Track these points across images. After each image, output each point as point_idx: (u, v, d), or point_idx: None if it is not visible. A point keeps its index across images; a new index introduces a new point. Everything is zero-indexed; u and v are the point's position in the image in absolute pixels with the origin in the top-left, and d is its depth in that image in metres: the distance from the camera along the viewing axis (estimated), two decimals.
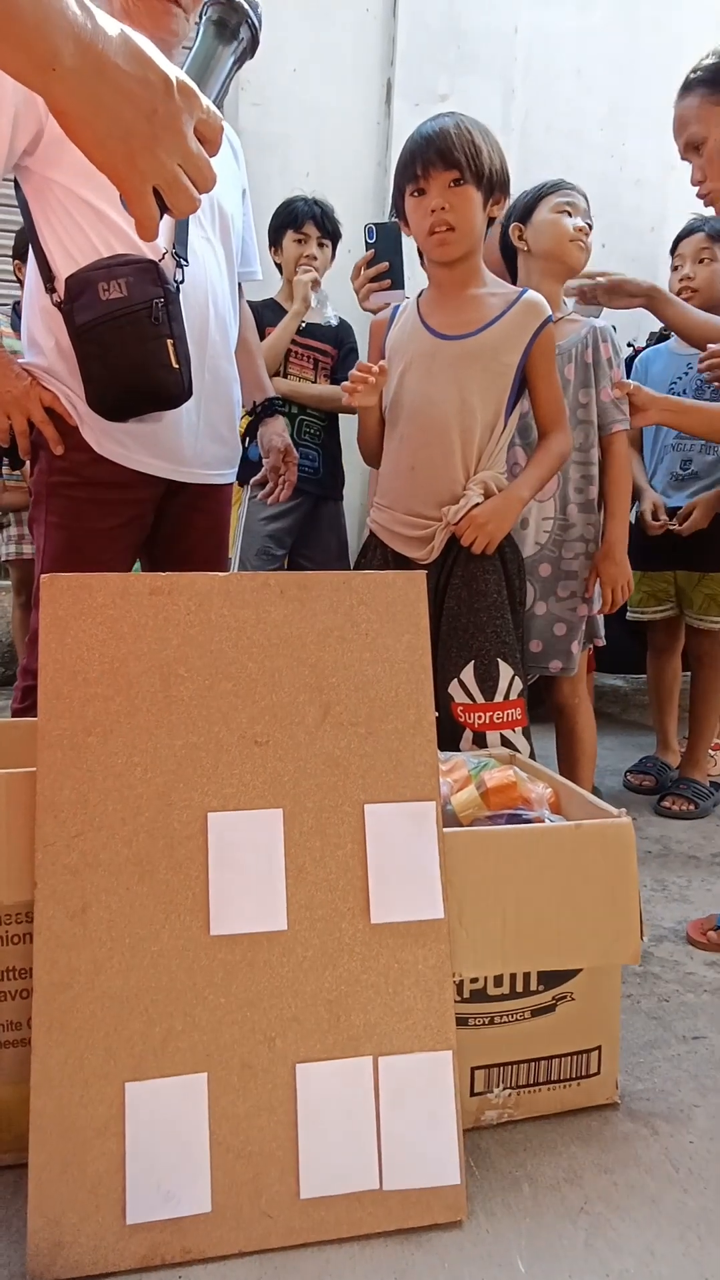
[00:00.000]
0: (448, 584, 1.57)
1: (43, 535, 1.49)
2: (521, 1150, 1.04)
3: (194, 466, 1.54)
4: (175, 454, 1.50)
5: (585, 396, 1.72)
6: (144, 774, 0.96)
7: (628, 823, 1.10)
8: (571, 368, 1.71)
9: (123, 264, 1.34)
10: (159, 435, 1.47)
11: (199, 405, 1.50)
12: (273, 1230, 0.89)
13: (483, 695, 1.53)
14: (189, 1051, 0.92)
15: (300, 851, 0.98)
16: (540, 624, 1.76)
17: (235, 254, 1.60)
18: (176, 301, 1.37)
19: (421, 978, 0.97)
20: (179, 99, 0.65)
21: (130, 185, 0.66)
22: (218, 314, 1.51)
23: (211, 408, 1.54)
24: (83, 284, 1.34)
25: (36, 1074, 0.89)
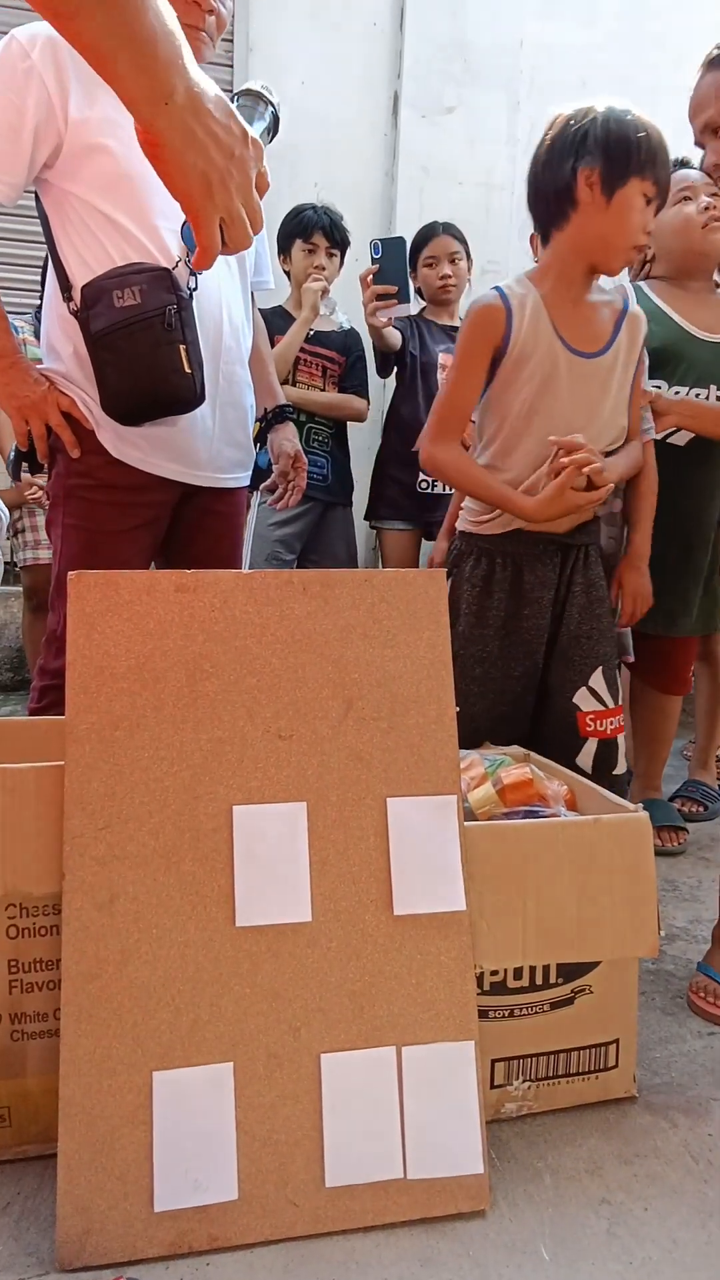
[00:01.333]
0: (568, 594, 1.55)
1: (60, 537, 1.51)
2: (542, 1142, 1.05)
3: (209, 470, 1.56)
4: (190, 458, 1.52)
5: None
6: (170, 768, 0.98)
7: (644, 817, 1.11)
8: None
9: (136, 272, 1.37)
10: (174, 439, 1.49)
11: (214, 410, 1.52)
12: (299, 1218, 0.90)
13: (611, 699, 1.53)
14: (215, 1041, 0.93)
15: (324, 844, 0.99)
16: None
17: (249, 263, 1.63)
18: (189, 308, 1.40)
19: (444, 969, 0.98)
20: (250, 149, 0.78)
21: (204, 215, 0.77)
22: (231, 321, 1.53)
23: (226, 412, 1.56)
24: (98, 292, 1.37)
25: (65, 1063, 0.90)
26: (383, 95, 3.27)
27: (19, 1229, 0.90)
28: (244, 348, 1.59)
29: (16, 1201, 0.93)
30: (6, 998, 0.98)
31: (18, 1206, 0.93)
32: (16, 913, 0.98)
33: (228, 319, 1.52)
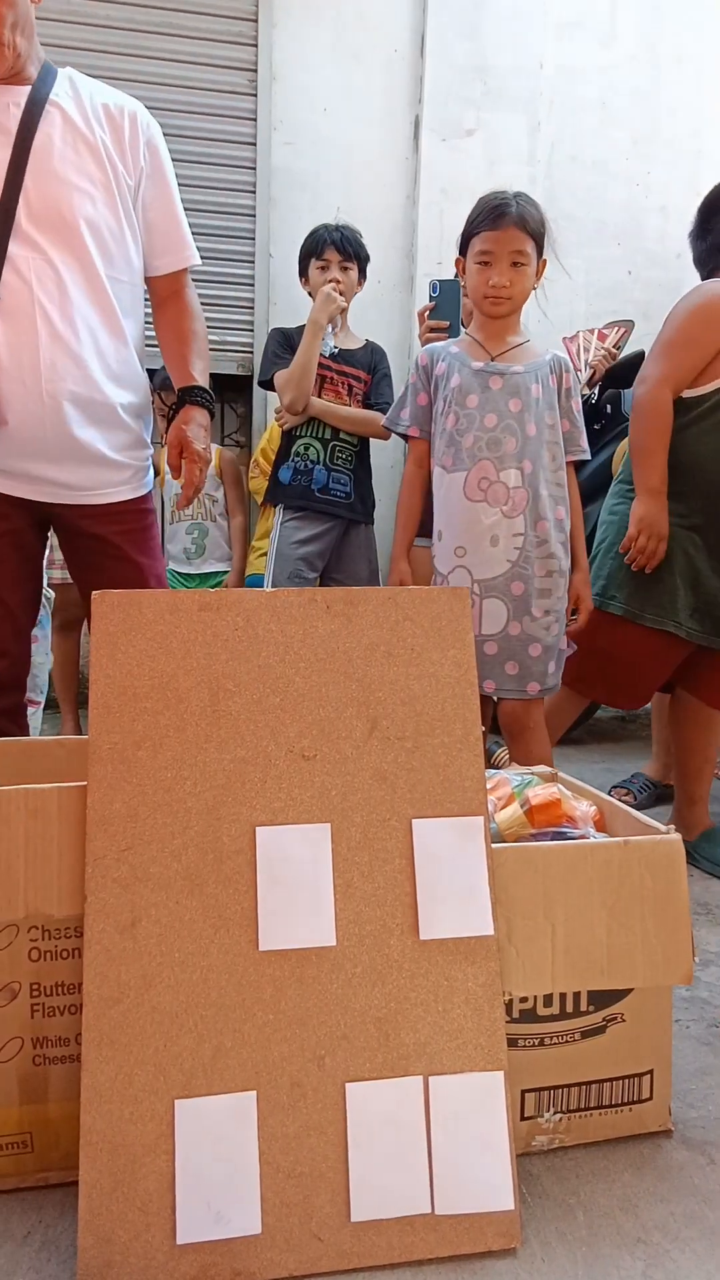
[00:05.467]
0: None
1: None
2: (573, 1177, 1.02)
3: (61, 488, 1.52)
4: (35, 478, 1.50)
5: (552, 418, 1.75)
6: (193, 788, 0.97)
7: (677, 839, 1.08)
8: (538, 388, 1.72)
9: None
10: (8, 463, 1.47)
11: (43, 431, 1.46)
12: (323, 1254, 0.88)
13: None
14: (238, 1069, 0.91)
15: (348, 866, 0.97)
16: (516, 645, 1.72)
17: (107, 258, 1.50)
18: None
19: (471, 995, 0.96)
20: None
21: None
22: (55, 333, 1.44)
23: (64, 431, 1.48)
24: None
25: (86, 1090, 0.89)
26: (404, 120, 3.30)
27: (39, 1260, 0.88)
28: (91, 354, 1.49)
29: (37, 1230, 0.92)
30: (28, 1021, 0.97)
31: (39, 1236, 0.91)
32: (39, 935, 0.97)
33: (47, 332, 1.44)
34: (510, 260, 1.67)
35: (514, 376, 1.73)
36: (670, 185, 3.48)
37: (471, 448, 1.72)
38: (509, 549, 1.71)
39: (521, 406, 1.72)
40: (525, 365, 1.74)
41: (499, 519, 1.71)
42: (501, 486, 1.70)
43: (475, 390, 1.73)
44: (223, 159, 3.20)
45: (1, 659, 1.53)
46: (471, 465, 1.72)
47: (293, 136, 3.23)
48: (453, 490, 1.75)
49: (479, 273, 1.70)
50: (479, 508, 1.72)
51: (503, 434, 1.71)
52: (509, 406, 1.72)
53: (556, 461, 1.75)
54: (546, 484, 1.73)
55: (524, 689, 1.73)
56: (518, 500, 1.70)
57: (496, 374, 1.73)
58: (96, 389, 1.50)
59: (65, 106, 1.48)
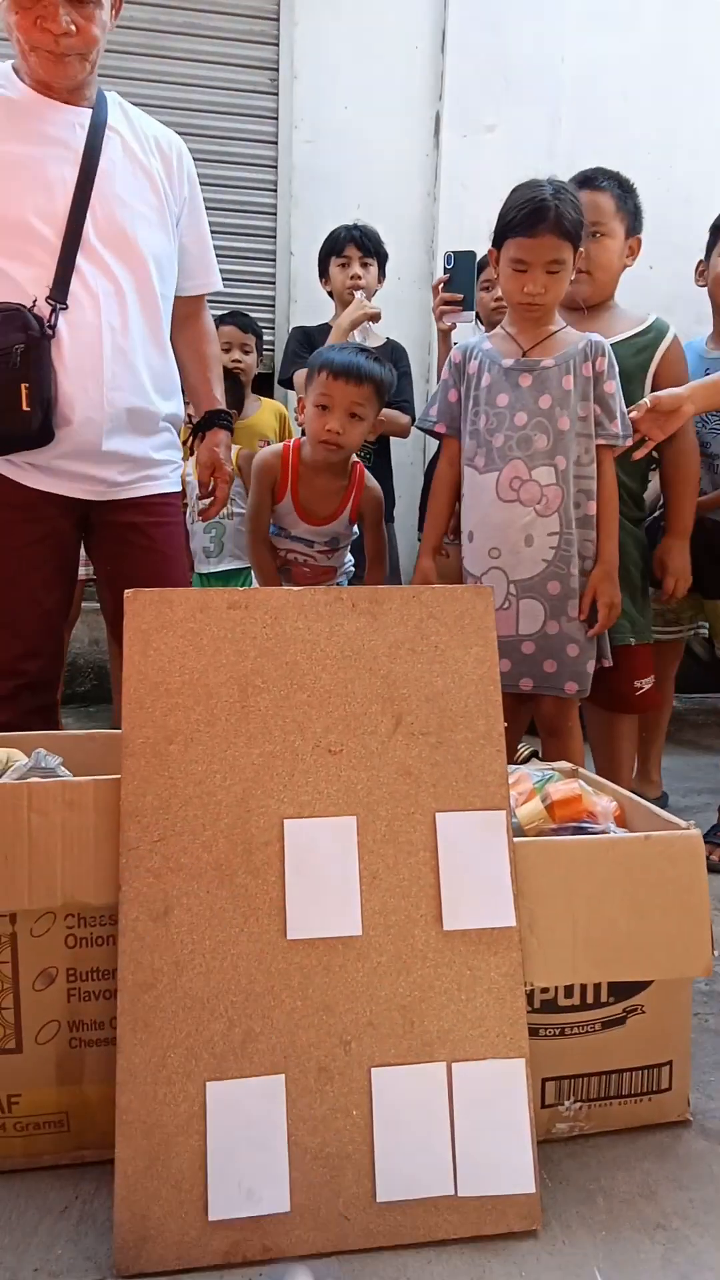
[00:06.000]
0: None
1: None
2: (594, 1164, 1.04)
3: (104, 486, 1.57)
4: (79, 476, 1.54)
5: (584, 410, 1.71)
6: (223, 781, 1.00)
7: (697, 834, 1.10)
8: (570, 379, 1.69)
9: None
10: (53, 464, 1.51)
11: (98, 436, 1.51)
12: (350, 1232, 0.91)
13: None
14: (268, 1053, 0.94)
15: (374, 858, 1.00)
16: (554, 644, 1.71)
17: (161, 277, 1.59)
18: (41, 346, 1.43)
19: (494, 985, 0.98)
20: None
21: None
22: (116, 347, 1.51)
23: (115, 437, 1.54)
24: None
25: (122, 1071, 0.92)
26: (424, 116, 3.31)
27: (78, 1233, 0.92)
28: (145, 368, 1.57)
29: (75, 1205, 0.96)
30: (65, 1006, 1.00)
31: (76, 1210, 0.95)
32: (75, 923, 1.00)
33: (111, 343, 1.51)
34: (545, 269, 1.65)
35: (544, 372, 1.70)
36: (693, 178, 3.46)
37: (502, 447, 1.71)
38: (544, 548, 1.69)
39: (552, 402, 1.69)
40: (556, 357, 1.71)
41: (533, 518, 1.69)
42: (534, 485, 1.69)
43: (505, 389, 1.72)
44: (244, 157, 3.22)
45: (36, 659, 1.57)
46: (503, 465, 1.71)
47: (314, 134, 3.24)
48: (485, 492, 1.74)
49: (513, 278, 1.68)
50: (512, 508, 1.70)
51: (534, 431, 1.69)
52: (539, 404, 1.69)
53: (589, 454, 1.72)
54: (577, 480, 1.71)
55: (561, 687, 1.73)
56: (551, 498, 1.69)
57: (525, 371, 1.71)
58: (148, 400, 1.58)
59: (123, 133, 1.56)
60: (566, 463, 1.69)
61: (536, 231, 1.62)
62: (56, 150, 1.48)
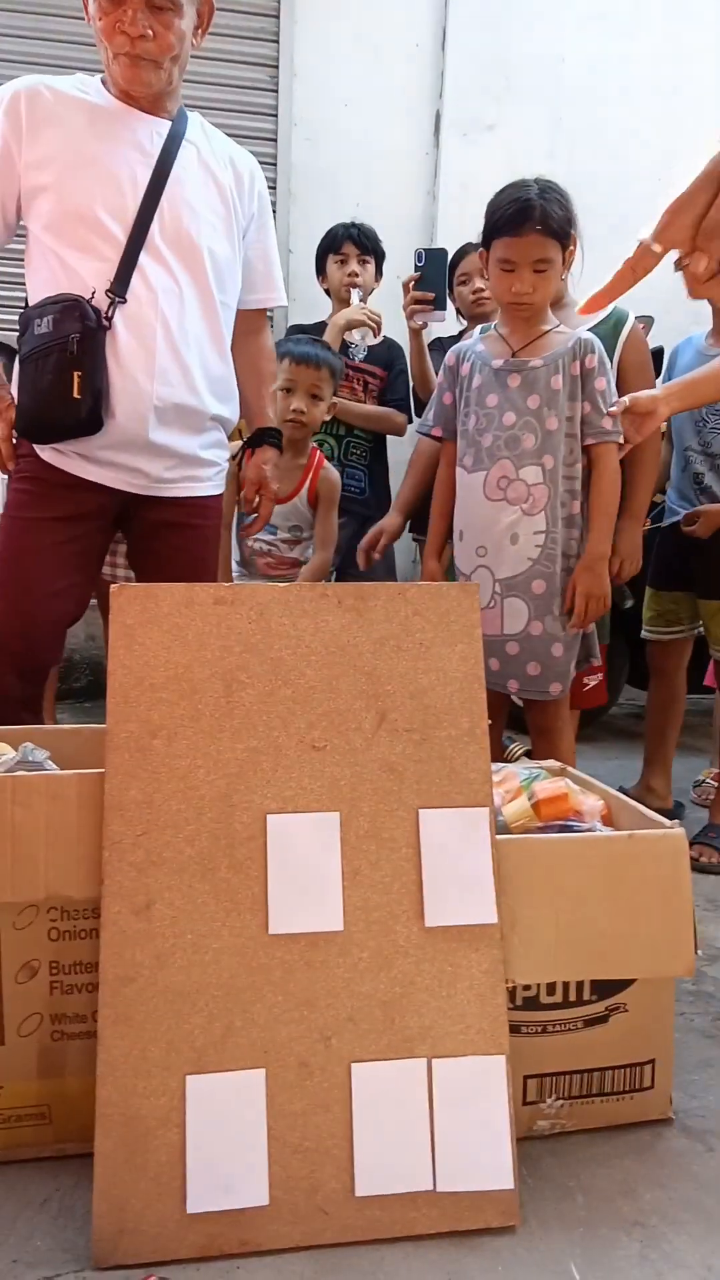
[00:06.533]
0: None
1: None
2: (574, 1161, 1.04)
3: (148, 480, 1.59)
4: (123, 468, 1.56)
5: (572, 410, 1.70)
6: (207, 776, 1.00)
7: (680, 834, 1.10)
8: (559, 379, 1.69)
9: (54, 302, 1.46)
10: (99, 454, 1.53)
11: (144, 429, 1.53)
12: (328, 1226, 0.91)
13: None
14: (248, 1047, 0.94)
15: (356, 854, 1.00)
16: (538, 645, 1.71)
17: (220, 284, 1.61)
18: (95, 337, 1.45)
19: (475, 982, 0.99)
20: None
21: None
22: (171, 345, 1.53)
23: (164, 431, 1.55)
24: (25, 321, 1.50)
25: (102, 1065, 0.92)
26: (424, 115, 3.31)
27: (56, 1225, 0.92)
28: (200, 366, 1.59)
29: (55, 1198, 0.96)
30: (48, 999, 1.01)
31: (55, 1203, 0.95)
32: (58, 915, 1.01)
33: (165, 341, 1.53)
34: (533, 268, 1.65)
35: (532, 372, 1.71)
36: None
37: (490, 447, 1.72)
38: (529, 547, 1.70)
39: (540, 402, 1.69)
40: (544, 357, 1.71)
41: (518, 517, 1.70)
42: (521, 484, 1.70)
43: (495, 390, 1.73)
44: None
45: (20, 640, 1.55)
46: (491, 465, 1.72)
47: (313, 132, 3.25)
48: (473, 491, 1.75)
49: (501, 279, 1.69)
50: (498, 507, 1.71)
51: (521, 431, 1.70)
52: (527, 403, 1.70)
53: (574, 454, 1.72)
54: (564, 479, 1.71)
55: (547, 690, 1.72)
56: (538, 497, 1.69)
57: (514, 371, 1.72)
58: (199, 399, 1.60)
59: (199, 145, 1.60)
60: (554, 462, 1.70)
61: (522, 231, 1.63)
62: (132, 153, 1.52)
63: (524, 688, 1.73)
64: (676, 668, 2.34)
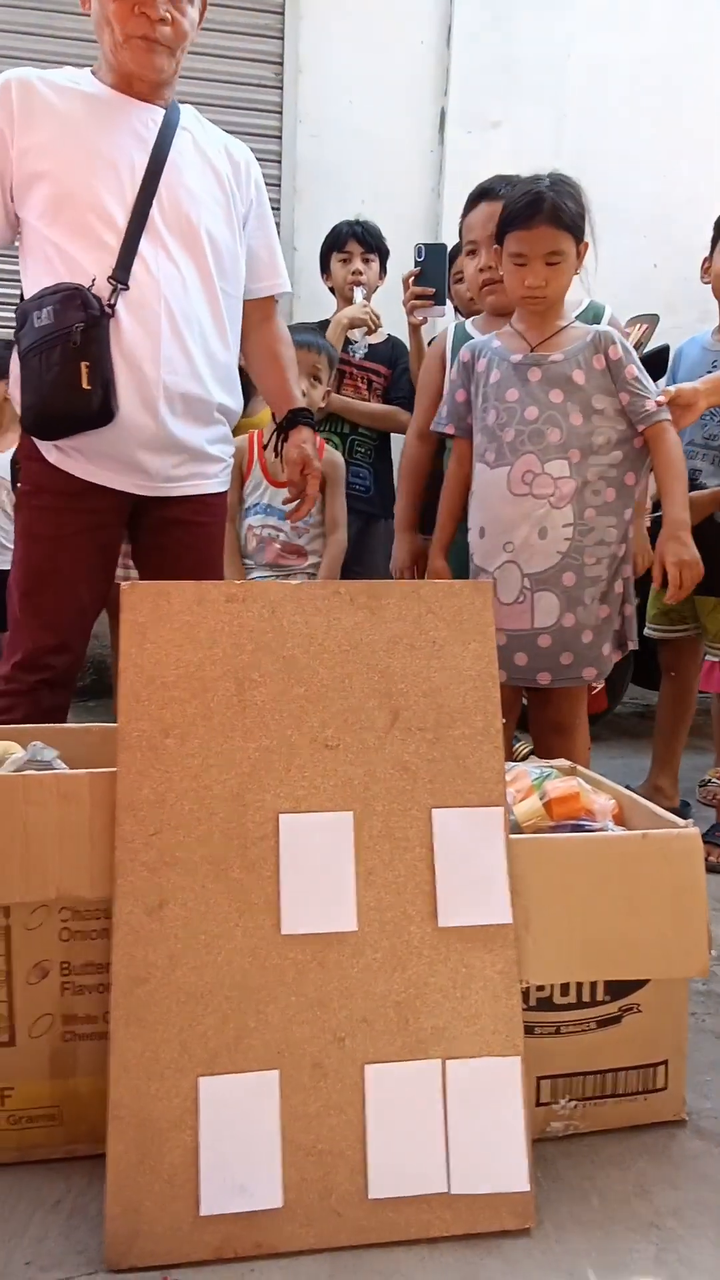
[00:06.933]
0: None
1: (14, 544, 1.57)
2: (588, 1163, 1.03)
3: (156, 480, 1.57)
4: (133, 467, 1.53)
5: (601, 402, 1.68)
6: (219, 775, 0.99)
7: (695, 834, 1.09)
8: (581, 373, 1.68)
9: (52, 293, 1.43)
10: (112, 449, 1.50)
11: (153, 421, 1.52)
12: (342, 1228, 0.90)
13: None
14: (261, 1049, 0.94)
15: (369, 854, 1.00)
16: (569, 635, 1.70)
17: (220, 270, 1.59)
18: (100, 325, 1.42)
19: (489, 982, 0.98)
20: None
21: None
22: (176, 333, 1.51)
23: (171, 423, 1.55)
24: (23, 315, 1.46)
25: (114, 1066, 0.92)
26: (429, 112, 3.30)
27: (69, 1226, 0.92)
28: (206, 355, 1.57)
29: (67, 1199, 0.95)
30: (58, 999, 1.00)
31: (68, 1204, 0.95)
32: (69, 916, 1.00)
33: (171, 329, 1.50)
34: (544, 261, 1.64)
35: (553, 367, 1.68)
36: (697, 178, 3.45)
37: (513, 442, 1.69)
38: (558, 540, 1.68)
39: (564, 396, 1.67)
40: (565, 352, 1.69)
41: (547, 510, 1.67)
42: (547, 478, 1.67)
43: (514, 384, 1.70)
44: None
45: (66, 654, 1.55)
46: (514, 459, 1.69)
47: (318, 129, 3.23)
48: (495, 486, 1.72)
49: (514, 273, 1.68)
50: (524, 501, 1.69)
51: (545, 426, 1.67)
52: (550, 398, 1.67)
53: (611, 442, 1.68)
54: (597, 467, 1.68)
55: (580, 675, 1.71)
56: (565, 490, 1.67)
57: (535, 365, 1.69)
58: (204, 388, 1.58)
59: (194, 133, 1.59)
60: (581, 455, 1.67)
61: (533, 223, 1.61)
62: (129, 139, 1.50)
63: (557, 678, 1.71)
64: (686, 666, 2.33)
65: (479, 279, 1.93)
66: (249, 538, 2.27)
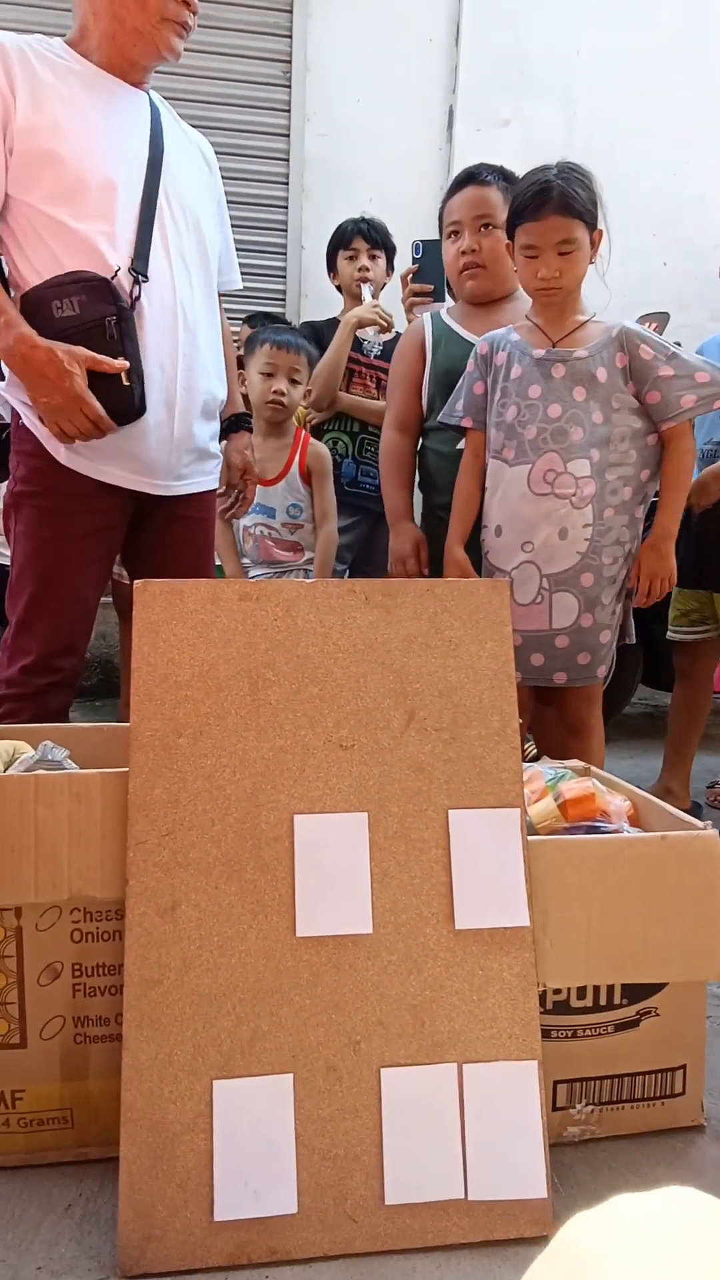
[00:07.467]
0: None
1: (13, 545, 1.53)
2: (606, 1169, 1.02)
3: (167, 478, 1.55)
4: (145, 465, 1.51)
5: (619, 400, 1.65)
6: (233, 775, 0.98)
7: (713, 835, 1.08)
8: (604, 370, 1.64)
9: (75, 281, 1.36)
10: (126, 446, 1.48)
11: (171, 416, 1.51)
12: (358, 1235, 0.89)
13: None
14: (275, 1052, 0.93)
15: (385, 855, 0.98)
16: (588, 636, 1.68)
17: (213, 262, 1.59)
18: (130, 319, 1.38)
19: (506, 985, 0.97)
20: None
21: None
22: (188, 327, 1.50)
23: (186, 418, 1.54)
24: (37, 302, 1.37)
25: (127, 1068, 0.91)
26: (437, 110, 3.29)
27: (81, 1231, 0.91)
28: (209, 353, 1.57)
29: (79, 1203, 0.94)
30: (70, 1001, 0.99)
31: (80, 1208, 0.94)
32: (81, 917, 0.99)
33: (183, 325, 1.49)
34: (557, 251, 1.61)
35: (577, 363, 1.64)
36: (708, 175, 3.43)
37: (535, 440, 1.66)
38: (578, 540, 1.65)
39: (587, 394, 1.64)
40: (589, 348, 1.66)
41: (568, 510, 1.65)
42: (569, 477, 1.64)
43: (537, 380, 1.67)
44: (256, 150, 3.21)
45: (73, 655, 1.54)
46: (536, 458, 1.66)
47: (326, 127, 3.23)
48: (515, 485, 1.69)
49: (526, 266, 1.64)
50: (545, 501, 1.65)
51: (568, 424, 1.64)
52: (573, 395, 1.64)
53: (628, 440, 1.66)
54: (616, 467, 1.66)
55: (595, 674, 1.71)
56: (586, 491, 1.64)
57: (559, 361, 1.65)
58: (211, 383, 1.58)
59: (173, 121, 1.58)
60: (601, 454, 1.65)
61: (542, 213, 1.58)
62: (131, 126, 1.47)
63: (573, 677, 1.70)
64: (703, 669, 2.31)
65: (459, 262, 1.89)
66: (244, 537, 2.28)
